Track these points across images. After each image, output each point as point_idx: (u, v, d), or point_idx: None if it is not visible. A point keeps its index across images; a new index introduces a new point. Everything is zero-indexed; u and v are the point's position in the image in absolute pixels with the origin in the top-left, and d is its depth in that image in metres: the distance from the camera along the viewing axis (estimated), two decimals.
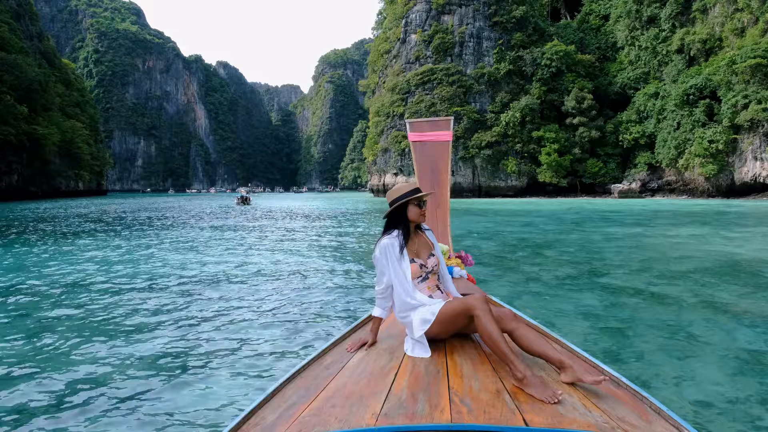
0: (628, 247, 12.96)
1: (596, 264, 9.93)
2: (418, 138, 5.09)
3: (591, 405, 1.66)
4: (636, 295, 6.97)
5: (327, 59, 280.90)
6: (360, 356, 2.28)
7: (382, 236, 2.50)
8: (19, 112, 61.68)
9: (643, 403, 1.75)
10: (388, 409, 1.62)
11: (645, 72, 65.90)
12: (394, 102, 78.39)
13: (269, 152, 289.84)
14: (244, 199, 48.26)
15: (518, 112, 68.88)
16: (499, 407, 1.60)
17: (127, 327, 5.45)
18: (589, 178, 67.15)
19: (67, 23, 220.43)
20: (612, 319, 5.64)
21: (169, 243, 14.20)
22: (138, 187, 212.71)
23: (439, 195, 4.85)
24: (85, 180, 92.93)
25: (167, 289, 7.54)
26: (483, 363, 2.05)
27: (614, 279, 8.22)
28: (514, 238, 15.45)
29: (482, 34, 74.98)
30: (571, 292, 7.23)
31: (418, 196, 2.47)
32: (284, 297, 6.94)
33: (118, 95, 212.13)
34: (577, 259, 10.65)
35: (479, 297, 2.11)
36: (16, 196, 62.09)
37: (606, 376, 1.88)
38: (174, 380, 3.88)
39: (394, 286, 2.40)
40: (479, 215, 29.15)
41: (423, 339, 2.23)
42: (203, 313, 6.05)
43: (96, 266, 9.73)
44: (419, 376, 1.93)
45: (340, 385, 1.91)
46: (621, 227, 19.18)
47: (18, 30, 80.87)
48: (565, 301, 6.60)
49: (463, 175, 72.66)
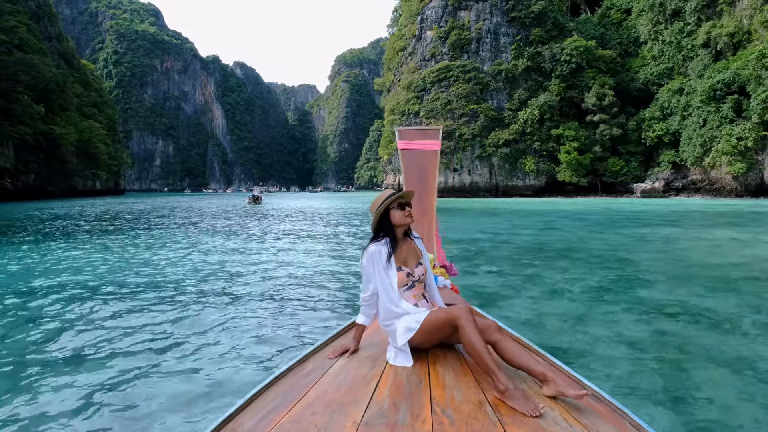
0: (663, 252, 11.70)
1: (629, 272, 8.74)
2: (407, 146, 5.10)
3: (572, 419, 1.66)
4: (685, 314, 5.79)
5: (343, 59, 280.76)
6: (342, 363, 2.25)
7: (369, 243, 2.46)
8: (36, 112, 61.98)
9: (623, 419, 1.73)
10: (369, 418, 1.63)
11: (669, 67, 63.74)
12: (410, 100, 77.28)
13: (285, 152, 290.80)
14: (255, 199, 47.63)
15: (537, 110, 67.24)
16: (481, 419, 1.63)
17: (102, 326, 5.47)
18: (610, 177, 65.23)
19: (88, 25, 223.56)
20: (662, 349, 4.50)
21: (161, 245, 13.35)
22: (156, 186, 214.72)
23: (426, 203, 4.84)
24: (103, 179, 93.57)
25: (147, 291, 7.27)
26: (465, 374, 2.04)
27: (654, 292, 7.04)
28: (534, 240, 14.25)
29: (500, 29, 73.44)
30: (605, 309, 6.08)
31: (396, 197, 2.45)
32: (268, 301, 6.71)
33: (137, 96, 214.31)
34: (606, 265, 9.46)
35: (464, 308, 2.10)
36: (34, 195, 62.43)
37: (587, 390, 1.88)
38: (151, 382, 3.86)
39: (379, 294, 2.38)
40: (496, 215, 27.92)
41: (406, 348, 2.22)
42: (183, 314, 6.00)
43: (81, 267, 8.88)
44: (401, 386, 1.93)
45: (320, 393, 1.90)
46: (650, 229, 17.83)
47: (37, 31, 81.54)
48: (600, 322, 5.46)
49: (479, 174, 71.24)
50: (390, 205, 2.47)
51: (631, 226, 19.36)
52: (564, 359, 2.30)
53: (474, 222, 22.69)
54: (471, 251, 11.86)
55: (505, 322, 2.48)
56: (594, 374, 3.80)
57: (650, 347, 4.53)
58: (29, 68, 62.77)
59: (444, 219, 24.96)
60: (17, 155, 58.79)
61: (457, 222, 22.91)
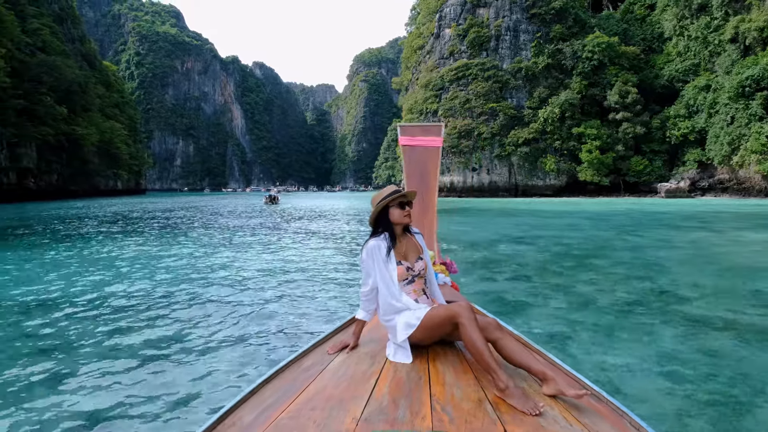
0: (697, 257, 10.95)
1: (662, 281, 8.06)
2: (409, 142, 5.05)
3: (572, 418, 1.66)
4: (730, 329, 5.14)
5: (361, 58, 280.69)
6: (341, 359, 2.25)
7: (369, 238, 2.46)
8: (59, 113, 62.88)
9: (623, 419, 1.72)
10: (368, 414, 1.63)
11: (695, 63, 61.87)
12: (428, 99, 76.59)
13: (304, 151, 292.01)
14: (272, 199, 47.42)
15: (557, 108, 65.97)
16: (481, 417, 1.63)
17: (107, 322, 5.54)
18: (633, 177, 63.66)
19: (111, 27, 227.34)
20: (712, 377, 3.88)
21: (175, 243, 13.02)
22: (176, 186, 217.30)
23: (427, 200, 4.79)
24: (124, 179, 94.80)
25: (155, 289, 7.15)
26: (465, 371, 2.04)
27: (693, 304, 6.38)
28: (557, 243, 13.57)
29: (519, 26, 72.29)
30: (640, 325, 5.46)
31: (396, 196, 2.45)
32: (272, 297, 6.78)
33: (158, 96, 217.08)
34: (636, 273, 8.79)
35: (465, 305, 2.10)
36: (57, 195, 63.38)
37: (588, 390, 1.88)
38: (149, 377, 3.86)
39: (379, 288, 2.38)
40: (515, 216, 27.17)
41: (405, 344, 2.23)
42: (183, 312, 6.02)
43: (86, 266, 8.55)
44: (401, 382, 1.94)
45: (319, 388, 1.90)
46: (679, 231, 16.98)
47: (60, 33, 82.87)
48: (636, 341, 4.85)
49: (498, 173, 70.23)
50: (390, 203, 2.46)
51: (658, 228, 18.49)
52: (603, 387, 2.10)
53: (493, 223, 22.02)
54: (490, 255, 11.26)
55: (531, 336, 2.27)
56: (638, 408, 3.22)
57: (697, 374, 3.92)
58: (52, 70, 63.67)
59: (462, 220, 24.36)
60: (40, 155, 59.66)
61: (476, 223, 22.26)
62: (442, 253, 4.62)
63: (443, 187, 73.53)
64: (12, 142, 51.96)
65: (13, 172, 53.17)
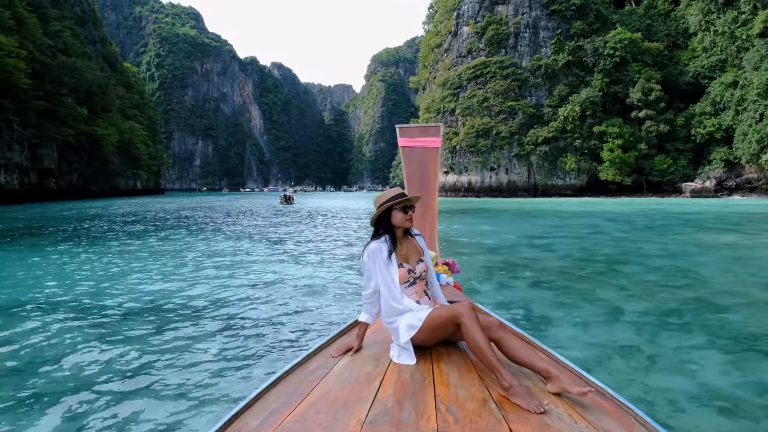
0: (735, 264, 10.15)
1: (700, 290, 7.35)
2: (408, 143, 5.09)
3: (577, 416, 1.66)
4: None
5: (379, 58, 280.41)
6: (345, 362, 2.25)
7: (370, 241, 2.47)
8: (79, 114, 63.69)
9: (628, 415, 1.72)
10: (373, 417, 1.64)
11: (722, 59, 59.90)
12: (445, 97, 75.74)
13: (322, 151, 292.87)
14: (287, 199, 47.22)
15: (578, 106, 64.58)
16: (486, 416, 1.63)
17: (104, 325, 5.51)
18: (656, 176, 61.96)
19: (132, 30, 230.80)
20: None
21: (183, 244, 12.64)
22: (195, 186, 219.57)
23: (427, 201, 4.79)
24: (143, 179, 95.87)
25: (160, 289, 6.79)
26: (469, 371, 2.05)
27: (738, 319, 5.69)
28: (580, 247, 12.83)
29: (539, 23, 70.99)
30: (680, 343, 4.81)
31: (401, 200, 2.44)
32: (279, 301, 6.66)
33: (178, 97, 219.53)
34: (670, 281, 8.08)
35: (467, 305, 2.10)
36: (77, 195, 64.20)
37: (592, 387, 1.88)
38: (150, 387, 3.75)
39: (381, 291, 2.38)
40: (536, 217, 26.35)
41: (409, 345, 2.22)
42: (189, 315, 6.00)
43: (70, 271, 8.18)
44: (405, 384, 1.94)
45: (324, 391, 1.91)
46: (711, 234, 16.09)
47: (81, 35, 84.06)
48: (678, 363, 4.21)
49: (517, 173, 69.07)
50: (394, 206, 2.45)
51: (687, 230, 17.59)
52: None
53: (512, 225, 21.29)
54: (510, 259, 10.61)
55: (560, 354, 2.26)
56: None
57: (754, 406, 3.29)
58: (72, 71, 64.47)
59: (480, 221, 23.65)
60: (61, 156, 60.42)
61: (495, 224, 21.55)
62: (452, 256, 4.61)
63: (461, 187, 72.63)
64: (33, 142, 52.59)
65: (34, 172, 53.84)
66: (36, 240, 14.40)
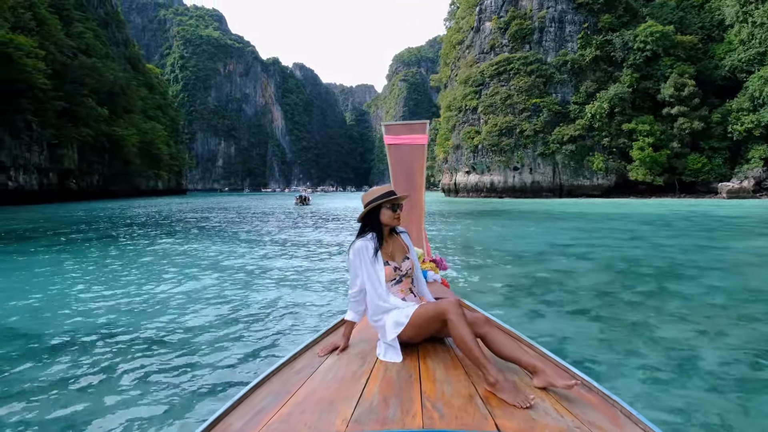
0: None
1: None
2: (394, 141, 5.06)
3: (563, 409, 1.67)
4: None
5: (401, 57, 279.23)
6: (331, 361, 2.25)
7: (356, 239, 2.45)
8: (100, 114, 63.82)
9: (614, 408, 1.75)
10: (358, 415, 1.64)
11: (760, 52, 56.60)
12: (467, 95, 73.84)
13: (343, 152, 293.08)
14: (302, 199, 46.28)
15: (606, 103, 61.97)
16: (472, 412, 1.63)
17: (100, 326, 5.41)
18: (689, 176, 59.01)
19: (157, 32, 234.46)
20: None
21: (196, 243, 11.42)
22: (218, 186, 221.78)
23: (413, 198, 4.82)
24: (164, 179, 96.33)
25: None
26: (455, 367, 2.05)
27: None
28: (620, 257, 11.12)
29: (565, 17, 68.48)
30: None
31: (390, 199, 2.43)
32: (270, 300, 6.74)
33: (201, 98, 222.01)
34: (745, 309, 6.41)
35: (453, 301, 2.09)
36: (98, 195, 64.38)
37: (578, 380, 1.89)
38: (134, 388, 3.68)
39: (367, 289, 2.38)
40: (562, 219, 24.51)
41: (395, 343, 2.22)
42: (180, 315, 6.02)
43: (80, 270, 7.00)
44: (391, 381, 1.93)
45: (310, 391, 1.91)
46: (765, 240, 14.17)
47: (104, 36, 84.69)
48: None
49: (542, 173, 66.75)
50: (383, 204, 2.43)
51: (737, 236, 15.65)
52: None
53: (538, 228, 19.54)
54: (537, 272, 8.97)
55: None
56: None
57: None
58: (92, 72, 64.62)
59: (502, 224, 21.98)
60: (81, 156, 60.57)
61: (518, 228, 19.84)
62: (468, 267, 5.00)
63: (483, 188, 70.64)
64: (52, 143, 52.56)
65: (54, 173, 53.86)
66: (19, 246, 13.34)
